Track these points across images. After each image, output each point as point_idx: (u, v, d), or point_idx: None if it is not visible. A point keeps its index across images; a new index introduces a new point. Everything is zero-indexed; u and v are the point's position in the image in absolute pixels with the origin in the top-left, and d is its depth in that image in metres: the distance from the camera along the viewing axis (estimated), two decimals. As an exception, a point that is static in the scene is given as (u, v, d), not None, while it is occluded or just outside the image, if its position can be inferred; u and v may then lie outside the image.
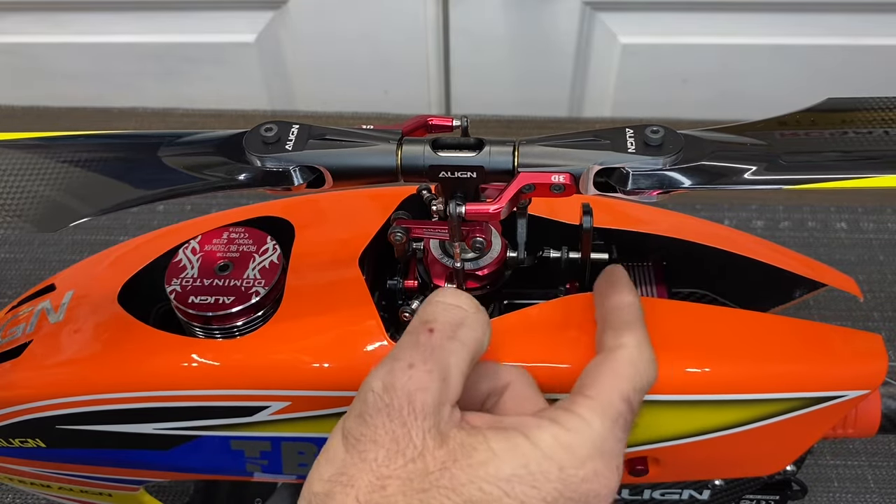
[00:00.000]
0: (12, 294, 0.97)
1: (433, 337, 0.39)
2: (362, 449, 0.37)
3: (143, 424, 0.53)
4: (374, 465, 0.36)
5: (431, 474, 0.36)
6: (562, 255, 0.54)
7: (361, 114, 1.34)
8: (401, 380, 0.37)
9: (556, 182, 0.44)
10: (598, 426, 0.39)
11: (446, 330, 0.40)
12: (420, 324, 0.40)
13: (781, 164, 0.44)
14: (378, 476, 0.36)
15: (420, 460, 0.36)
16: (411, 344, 0.39)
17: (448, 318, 0.40)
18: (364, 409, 0.38)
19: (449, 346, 0.39)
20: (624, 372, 0.42)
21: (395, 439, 0.37)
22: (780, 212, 1.16)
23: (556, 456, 0.38)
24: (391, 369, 0.38)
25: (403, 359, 0.38)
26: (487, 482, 0.36)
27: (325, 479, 0.37)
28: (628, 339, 0.43)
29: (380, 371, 0.38)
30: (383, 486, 0.36)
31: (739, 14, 1.27)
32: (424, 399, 0.37)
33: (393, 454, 0.36)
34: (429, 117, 0.48)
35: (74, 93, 1.36)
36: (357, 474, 0.36)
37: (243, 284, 0.52)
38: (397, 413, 0.37)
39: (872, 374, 0.51)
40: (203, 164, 0.46)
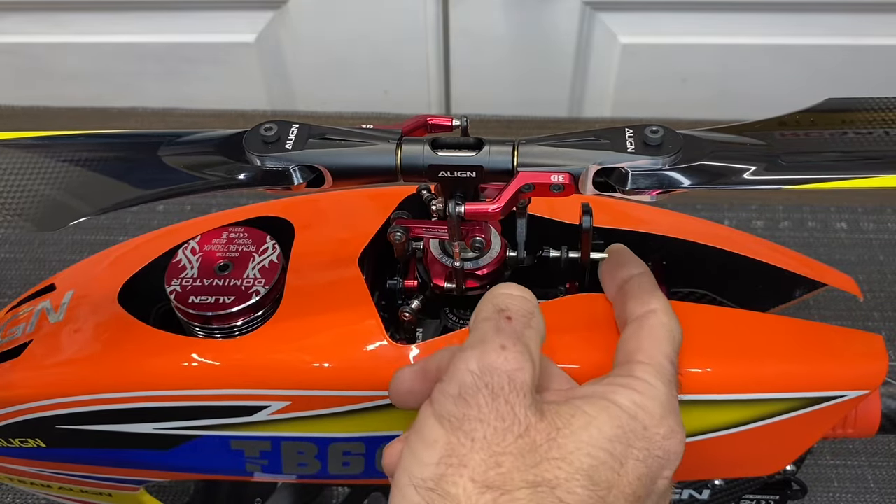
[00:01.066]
0: (12, 294, 0.97)
1: (513, 324, 0.40)
2: (468, 428, 0.37)
3: (143, 424, 0.53)
4: (485, 444, 0.36)
5: (540, 447, 0.37)
6: (561, 254, 0.54)
7: (361, 114, 1.34)
8: (497, 360, 0.38)
9: (556, 182, 0.44)
10: (662, 387, 0.41)
11: (522, 318, 0.40)
12: (496, 311, 0.41)
13: (781, 164, 0.44)
14: (491, 454, 0.36)
15: (527, 435, 0.37)
16: (494, 329, 0.39)
17: (521, 307, 0.41)
18: (462, 390, 0.38)
19: (528, 333, 0.40)
20: (662, 335, 0.44)
21: (502, 416, 0.37)
22: (780, 212, 1.16)
23: (639, 416, 0.39)
24: (483, 351, 0.38)
25: (493, 342, 0.39)
26: (592, 446, 0.37)
27: (432, 462, 0.37)
28: (655, 304, 0.45)
29: (470, 354, 0.38)
30: (498, 463, 0.36)
31: (739, 14, 1.27)
32: (523, 378, 0.38)
33: (501, 431, 0.37)
34: (428, 117, 0.48)
35: (74, 93, 1.36)
36: (467, 454, 0.36)
37: (243, 284, 0.52)
38: (500, 391, 0.37)
39: (872, 375, 0.51)
40: (203, 163, 0.46)
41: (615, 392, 0.40)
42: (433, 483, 0.36)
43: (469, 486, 0.36)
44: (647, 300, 0.46)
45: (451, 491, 0.36)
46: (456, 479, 0.36)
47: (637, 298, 0.46)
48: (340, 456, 0.53)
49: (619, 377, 0.41)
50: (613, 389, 0.40)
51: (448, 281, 0.52)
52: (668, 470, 0.39)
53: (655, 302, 0.45)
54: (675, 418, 0.40)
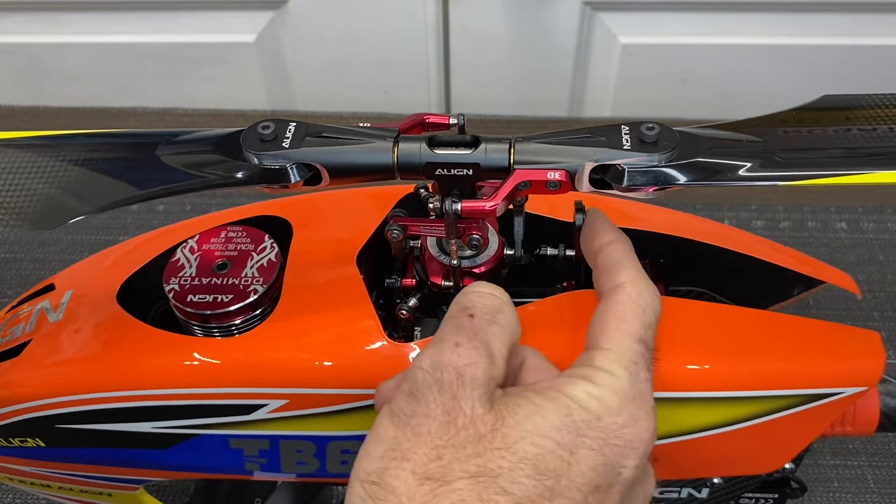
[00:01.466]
0: (12, 294, 0.97)
1: (474, 321, 0.40)
2: (415, 424, 0.37)
3: (142, 423, 0.53)
4: (428, 438, 0.37)
5: (484, 437, 0.37)
6: (558, 252, 0.54)
7: (361, 114, 1.34)
8: (449, 357, 0.38)
9: (552, 179, 0.44)
10: (622, 374, 0.40)
11: (486, 314, 0.41)
12: (459, 310, 0.41)
13: (777, 160, 0.44)
14: (433, 447, 0.37)
15: (472, 426, 0.37)
16: (454, 327, 0.40)
17: (486, 304, 0.41)
18: (414, 386, 0.38)
19: (490, 329, 0.40)
20: (628, 313, 0.42)
21: (447, 411, 0.37)
22: (780, 212, 1.16)
23: (592, 407, 0.38)
24: (439, 349, 0.39)
25: (449, 340, 0.39)
26: (538, 435, 0.37)
27: (378, 456, 0.37)
28: (623, 277, 0.43)
29: (427, 352, 0.39)
30: (439, 455, 0.36)
31: (739, 14, 1.27)
32: (474, 373, 0.38)
33: (445, 425, 0.37)
34: (425, 115, 0.48)
35: (74, 93, 1.37)
36: (411, 448, 0.37)
37: (241, 283, 0.52)
38: (447, 387, 0.38)
39: (870, 371, 0.51)
40: (201, 162, 0.46)
41: (570, 384, 0.39)
42: (376, 476, 0.37)
43: (409, 479, 0.36)
44: (615, 273, 0.43)
45: (392, 483, 0.36)
46: (398, 472, 0.36)
47: (606, 273, 0.44)
48: (339, 454, 0.53)
49: (579, 367, 0.41)
50: (569, 381, 0.40)
51: (446, 279, 0.52)
52: (631, 459, 0.38)
53: (623, 274, 0.43)
54: (637, 405, 0.39)
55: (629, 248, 0.45)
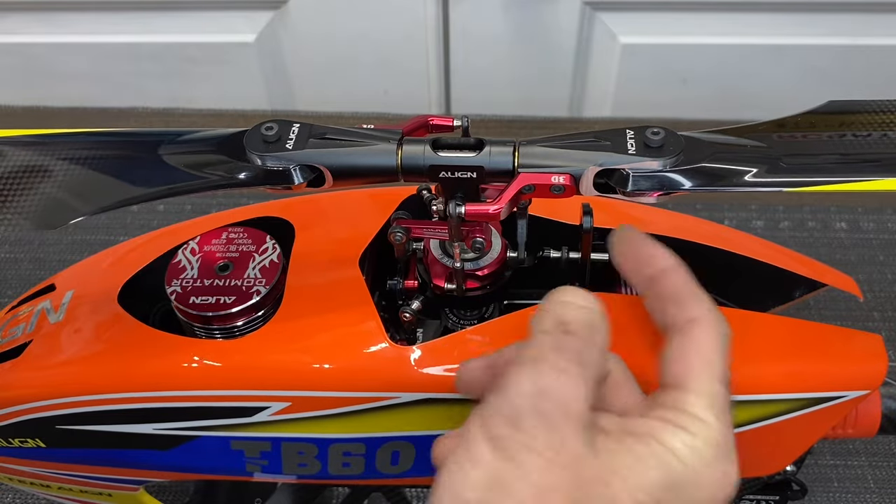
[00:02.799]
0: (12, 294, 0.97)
1: (574, 340, 0.38)
2: (517, 455, 0.35)
3: (143, 424, 0.52)
4: (533, 476, 0.35)
5: (588, 484, 0.36)
6: (562, 255, 0.54)
7: (361, 114, 1.34)
8: (553, 385, 0.36)
9: (556, 183, 0.44)
10: (714, 422, 0.38)
11: (584, 333, 0.38)
12: (556, 324, 0.38)
13: (782, 166, 0.44)
14: (537, 487, 0.35)
15: (574, 466, 0.35)
16: (553, 346, 0.37)
17: (584, 321, 0.39)
18: (515, 413, 0.36)
19: (588, 351, 0.38)
20: (712, 353, 0.40)
21: (552, 447, 0.35)
22: (780, 212, 1.16)
23: (688, 461, 0.37)
24: (540, 372, 0.36)
25: (549, 361, 0.37)
26: (638, 490, 0.36)
27: (477, 485, 0.35)
28: (698, 311, 0.41)
29: (526, 373, 0.37)
30: (543, 498, 0.35)
31: (739, 14, 1.27)
32: (579, 408, 0.36)
33: (550, 463, 0.35)
34: (429, 117, 0.48)
35: (74, 93, 1.36)
36: (514, 483, 0.35)
37: (244, 284, 0.52)
38: (552, 420, 0.36)
39: (872, 375, 0.51)
40: (203, 162, 0.46)
41: (665, 431, 0.38)
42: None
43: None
44: (689, 305, 0.41)
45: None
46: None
47: (676, 304, 0.42)
48: (340, 456, 0.53)
49: (669, 410, 0.39)
50: (664, 427, 0.38)
51: (448, 281, 0.52)
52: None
53: (698, 307, 0.41)
54: (729, 458, 0.38)
55: (690, 275, 0.43)
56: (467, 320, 0.54)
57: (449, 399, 0.49)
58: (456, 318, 0.54)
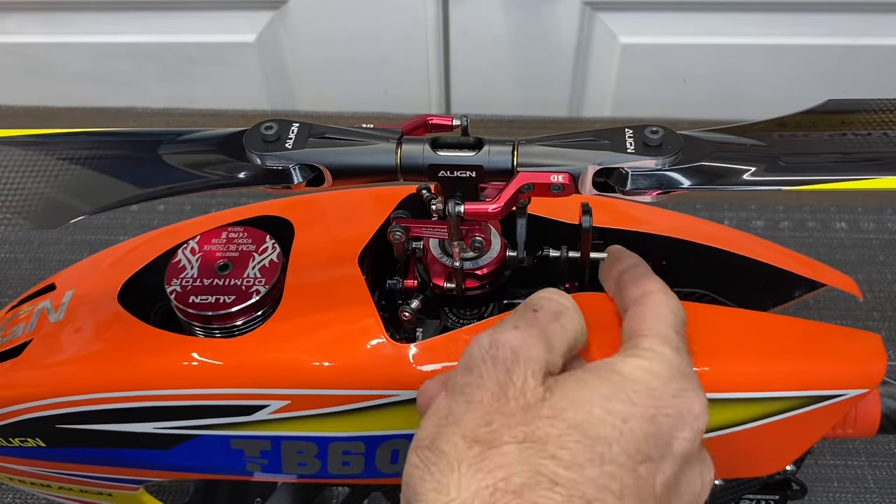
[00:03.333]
0: (12, 294, 0.97)
1: (538, 314, 0.41)
2: (468, 393, 0.38)
3: (143, 424, 0.52)
4: (479, 406, 0.38)
5: (532, 407, 0.37)
6: (561, 254, 0.54)
7: (361, 114, 1.34)
8: (506, 336, 0.39)
9: (555, 182, 0.44)
10: (669, 352, 0.41)
11: (549, 313, 0.42)
12: (524, 307, 0.42)
13: (781, 165, 0.44)
14: (483, 413, 0.37)
15: (521, 397, 0.38)
16: (517, 316, 0.41)
17: (550, 306, 0.42)
18: (470, 361, 0.39)
19: (551, 325, 0.41)
20: (663, 310, 0.43)
21: (499, 383, 0.38)
22: (780, 212, 1.16)
23: (641, 377, 0.39)
24: (497, 329, 0.40)
25: (509, 323, 0.40)
26: (587, 403, 0.38)
27: (431, 425, 0.38)
28: (651, 286, 0.45)
29: (486, 331, 0.40)
30: (488, 421, 0.37)
31: (739, 14, 1.27)
32: (529, 353, 0.39)
33: (496, 395, 0.38)
34: (429, 116, 0.48)
35: (74, 93, 1.37)
36: (462, 414, 0.38)
37: (244, 283, 0.52)
38: (501, 362, 0.39)
39: (872, 374, 0.51)
40: (203, 162, 0.46)
41: (618, 361, 0.40)
42: (429, 441, 0.37)
43: (459, 442, 0.37)
44: (643, 283, 0.46)
45: (443, 448, 0.37)
46: (449, 436, 0.37)
47: (633, 284, 0.46)
48: (340, 455, 0.53)
49: (623, 351, 0.42)
50: (617, 360, 0.41)
51: (448, 281, 0.52)
52: (683, 431, 0.39)
53: (651, 284, 0.45)
54: (685, 379, 0.40)
55: (650, 268, 0.48)
56: (467, 319, 0.54)
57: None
58: (455, 318, 0.54)
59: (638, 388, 0.39)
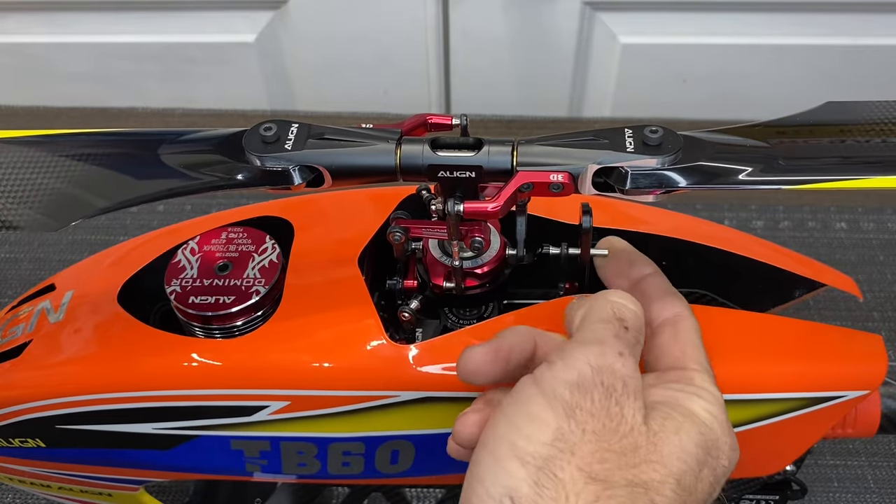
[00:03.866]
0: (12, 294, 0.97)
1: (629, 335, 0.41)
2: (581, 419, 0.38)
3: (142, 424, 0.53)
4: (593, 438, 0.37)
5: (641, 449, 0.38)
6: (561, 251, 0.54)
7: (361, 114, 1.34)
8: (616, 364, 0.39)
9: (555, 181, 0.44)
10: (717, 392, 0.42)
11: (636, 332, 0.42)
12: (615, 318, 0.42)
13: (780, 165, 0.44)
14: (598, 448, 0.37)
15: (631, 436, 0.38)
16: (614, 334, 0.41)
17: (636, 322, 0.43)
18: (580, 380, 0.39)
19: (637, 348, 0.42)
20: (696, 339, 0.45)
21: (611, 415, 0.38)
22: (780, 212, 1.16)
23: (713, 426, 0.41)
24: (603, 352, 0.40)
25: (612, 345, 0.40)
26: (684, 451, 0.39)
27: (543, 441, 0.37)
28: (679, 308, 0.46)
29: (589, 351, 0.40)
30: (603, 458, 0.37)
31: (739, 14, 1.27)
32: (635, 385, 0.39)
33: (610, 429, 0.38)
34: (428, 116, 0.48)
35: (74, 93, 1.36)
36: (578, 443, 0.37)
37: (243, 284, 0.52)
38: (613, 392, 0.39)
39: (872, 375, 0.51)
40: (203, 163, 0.46)
41: (689, 400, 0.41)
42: (542, 462, 0.37)
43: (576, 475, 0.37)
44: (671, 302, 0.46)
45: (558, 474, 0.36)
46: (564, 464, 0.37)
47: (660, 300, 0.47)
48: (340, 456, 0.53)
49: (682, 385, 0.42)
50: (687, 397, 0.41)
51: (447, 280, 0.52)
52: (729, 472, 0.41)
53: (679, 304, 0.46)
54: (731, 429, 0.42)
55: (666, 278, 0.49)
56: (466, 319, 0.54)
57: (448, 398, 0.50)
58: (455, 318, 0.54)
59: (712, 436, 0.40)
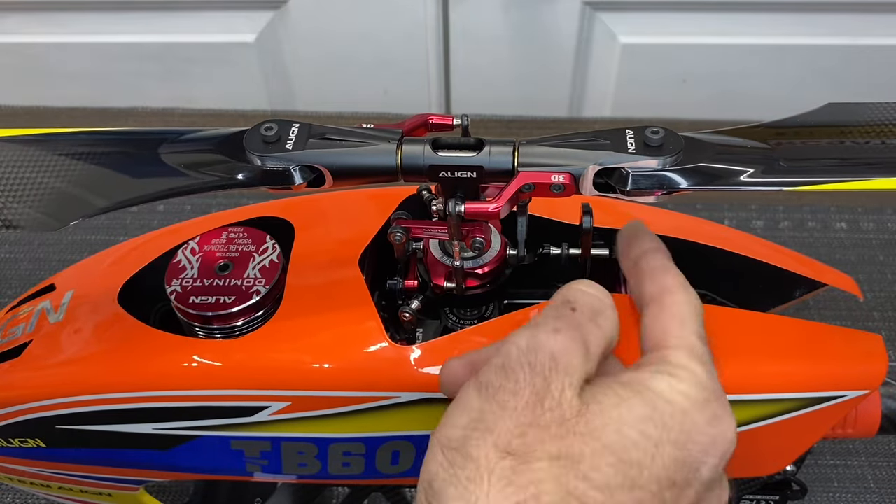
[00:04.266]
0: (12, 294, 0.97)
1: (575, 314, 0.40)
2: (501, 399, 0.37)
3: (143, 424, 0.52)
4: (514, 414, 0.36)
5: (568, 421, 0.36)
6: (562, 251, 0.54)
7: (361, 114, 1.34)
8: (546, 340, 0.38)
9: (556, 182, 0.44)
10: (700, 370, 0.39)
11: (587, 312, 0.40)
12: (562, 302, 0.40)
13: (781, 166, 0.44)
14: (517, 423, 0.36)
15: (557, 409, 0.37)
16: (555, 315, 0.39)
17: (589, 303, 0.41)
18: (507, 362, 0.38)
19: (588, 327, 0.39)
20: (686, 314, 0.42)
21: (536, 391, 0.37)
22: (780, 212, 1.16)
23: (676, 400, 0.38)
24: (536, 331, 0.38)
25: (548, 325, 0.39)
26: (623, 424, 0.37)
27: (461, 425, 0.37)
28: (670, 281, 0.43)
29: (523, 332, 0.39)
30: (523, 433, 0.36)
31: (739, 14, 1.27)
32: (568, 360, 0.38)
33: (532, 404, 0.37)
34: (429, 116, 0.48)
35: (74, 93, 1.36)
36: (495, 421, 0.36)
37: (244, 284, 0.52)
38: (539, 369, 0.37)
39: (872, 375, 0.51)
40: (203, 162, 0.46)
41: (652, 378, 0.39)
42: (458, 444, 0.36)
43: (490, 452, 0.36)
44: (661, 277, 0.44)
45: (472, 453, 0.36)
46: (480, 442, 0.36)
47: (650, 277, 0.44)
48: (340, 456, 0.53)
49: (654, 364, 0.40)
50: (650, 376, 0.39)
51: (448, 281, 0.52)
52: (711, 458, 0.38)
53: (670, 278, 0.43)
54: (720, 403, 0.39)
55: (669, 256, 0.45)
56: (467, 320, 0.54)
57: (449, 398, 0.49)
58: (456, 318, 0.54)
59: (673, 411, 0.38)
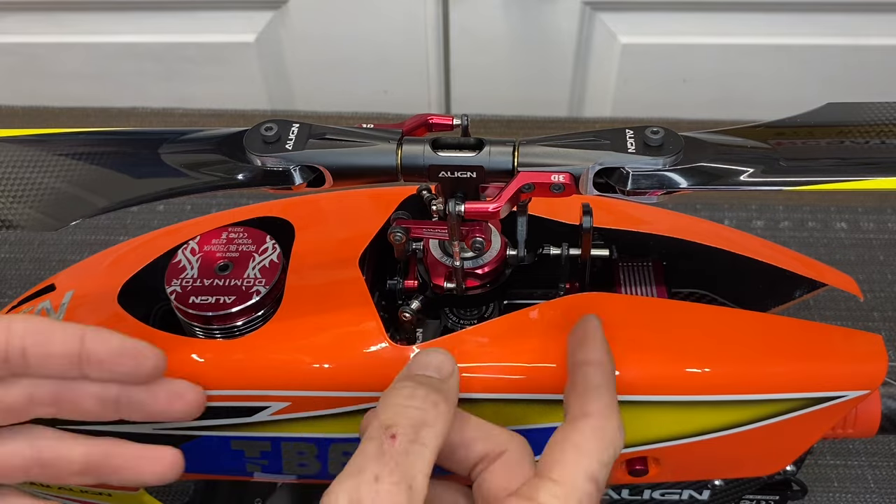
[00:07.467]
0: (12, 294, 0.97)
1: (396, 443, 0.37)
2: None
3: (143, 424, 0.52)
4: None
5: None
6: (562, 251, 0.54)
7: (361, 113, 1.34)
8: (368, 496, 0.36)
9: (556, 182, 0.44)
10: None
11: (409, 433, 0.38)
12: (381, 429, 0.38)
13: (781, 166, 0.44)
14: None
15: None
16: (375, 453, 0.37)
17: (409, 417, 0.39)
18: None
19: (413, 451, 0.37)
20: (589, 446, 0.40)
21: None
22: (780, 212, 1.16)
23: None
24: (357, 484, 0.36)
25: (368, 470, 0.36)
26: None
27: None
28: (593, 407, 0.41)
29: (345, 484, 0.36)
30: None
31: (739, 14, 1.27)
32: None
33: None
34: (429, 116, 0.48)
35: (74, 93, 1.36)
36: None
37: (244, 284, 0.52)
38: None
39: (872, 375, 0.51)
40: (203, 162, 0.46)
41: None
42: None
43: None
44: (586, 400, 0.41)
45: None
46: None
47: (580, 395, 0.42)
48: (341, 456, 0.53)
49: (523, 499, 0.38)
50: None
51: (448, 281, 0.52)
52: None
53: (595, 404, 0.41)
54: None
55: (611, 375, 0.43)
56: (467, 320, 0.54)
57: None
58: (456, 318, 0.54)
59: None
